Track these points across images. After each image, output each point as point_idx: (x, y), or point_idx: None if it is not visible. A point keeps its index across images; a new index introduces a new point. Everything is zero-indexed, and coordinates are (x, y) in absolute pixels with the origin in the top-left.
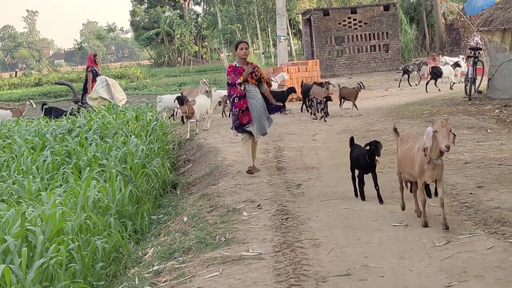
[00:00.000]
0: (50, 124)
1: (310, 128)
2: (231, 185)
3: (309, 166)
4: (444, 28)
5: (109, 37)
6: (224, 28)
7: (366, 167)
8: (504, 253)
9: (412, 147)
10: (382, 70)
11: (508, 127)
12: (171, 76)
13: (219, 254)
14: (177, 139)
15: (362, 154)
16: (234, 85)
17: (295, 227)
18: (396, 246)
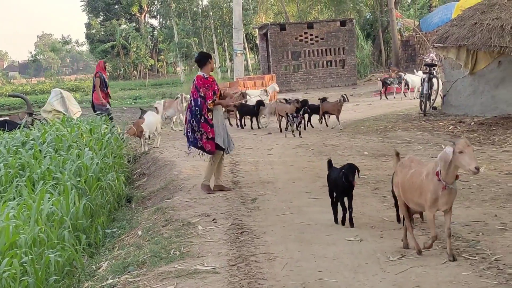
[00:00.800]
0: (3, 137)
1: (266, 142)
2: (186, 199)
3: (264, 181)
4: (400, 44)
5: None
6: (181, 42)
7: (343, 191)
8: (457, 267)
9: (418, 173)
10: (338, 85)
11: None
12: (127, 90)
13: (173, 268)
14: (132, 152)
15: (340, 177)
16: (204, 99)
17: (250, 241)
18: (351, 260)
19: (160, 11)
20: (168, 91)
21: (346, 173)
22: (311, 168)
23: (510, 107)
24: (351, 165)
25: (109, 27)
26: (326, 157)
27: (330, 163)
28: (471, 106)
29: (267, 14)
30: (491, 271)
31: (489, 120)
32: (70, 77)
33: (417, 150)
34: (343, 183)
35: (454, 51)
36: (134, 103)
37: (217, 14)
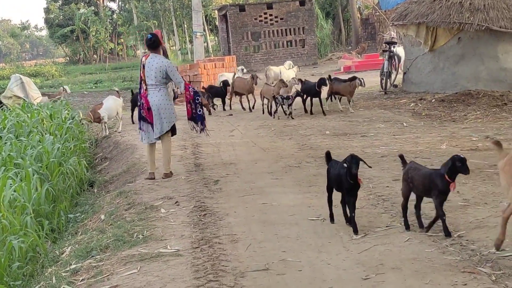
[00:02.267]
0: None
1: (228, 124)
2: (149, 183)
3: (226, 162)
4: (359, 23)
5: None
6: (140, 25)
7: (349, 190)
8: (420, 245)
9: None
10: (299, 65)
11: (423, 120)
12: (87, 74)
13: (137, 251)
14: (94, 137)
15: (343, 173)
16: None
17: (213, 223)
18: (314, 240)
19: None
20: (129, 75)
21: (350, 166)
22: (273, 149)
23: (470, 83)
24: (354, 156)
25: (68, 11)
26: (288, 137)
27: (328, 155)
28: (432, 83)
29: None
30: (454, 248)
31: (450, 96)
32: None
33: (378, 128)
34: (348, 182)
35: (414, 28)
36: (95, 87)
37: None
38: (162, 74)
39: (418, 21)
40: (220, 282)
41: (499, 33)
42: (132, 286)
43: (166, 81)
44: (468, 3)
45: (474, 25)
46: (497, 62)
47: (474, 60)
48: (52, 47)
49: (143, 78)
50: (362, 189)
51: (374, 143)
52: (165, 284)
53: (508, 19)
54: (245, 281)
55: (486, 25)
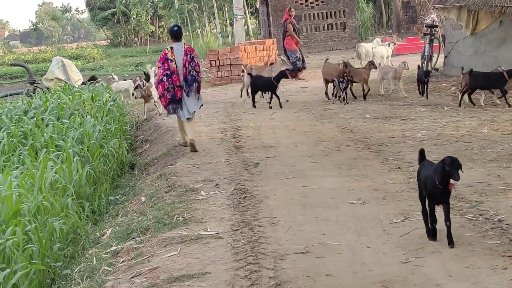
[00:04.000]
0: (6, 106)
1: (268, 107)
2: (189, 165)
3: (267, 145)
4: (400, 6)
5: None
6: (181, 8)
7: (436, 195)
8: (460, 229)
9: None
10: (339, 48)
11: (464, 104)
12: (128, 57)
13: (177, 233)
14: (135, 119)
15: (431, 176)
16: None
17: (253, 206)
18: (354, 223)
19: None
20: None
21: (450, 172)
22: (313, 132)
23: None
24: (454, 160)
25: None
26: (328, 120)
27: (422, 154)
28: (473, 66)
29: None
30: (494, 232)
31: None
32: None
33: (419, 112)
34: (436, 187)
35: (455, 11)
36: (136, 70)
37: None
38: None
39: (460, 4)
40: (259, 265)
41: None
42: (172, 268)
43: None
44: None
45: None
46: None
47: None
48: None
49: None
50: (402, 172)
51: (415, 127)
52: (205, 266)
53: None
54: (285, 264)
55: None
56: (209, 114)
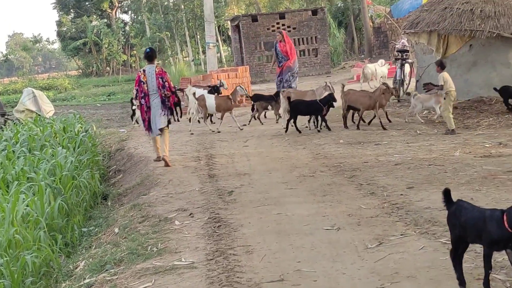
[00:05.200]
0: None
1: (241, 134)
2: (163, 194)
3: (241, 173)
4: (372, 32)
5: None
6: (153, 36)
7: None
8: (435, 252)
9: None
10: (312, 74)
11: (436, 128)
12: (100, 86)
13: (151, 264)
14: (107, 150)
15: (493, 221)
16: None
17: (228, 235)
18: (329, 249)
19: (131, 6)
20: None
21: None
22: (287, 159)
23: (483, 90)
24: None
25: (80, 24)
26: (302, 147)
27: (448, 194)
28: None
29: (238, 6)
30: (468, 255)
31: (462, 104)
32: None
33: (392, 136)
34: (503, 230)
35: (425, 36)
36: (108, 100)
37: (189, 7)
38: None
39: (430, 29)
40: None
41: (510, 40)
42: None
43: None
44: (479, 10)
45: (485, 32)
46: (508, 69)
47: (486, 67)
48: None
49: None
50: (376, 197)
51: (388, 151)
52: None
53: None
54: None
55: (497, 32)
56: (182, 142)
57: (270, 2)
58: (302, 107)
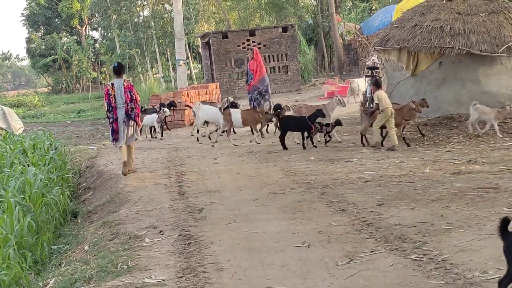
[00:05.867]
0: None
1: (212, 151)
2: (133, 212)
3: (211, 190)
4: (342, 49)
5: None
6: (123, 53)
7: None
8: (405, 269)
9: None
10: (283, 91)
11: (406, 145)
12: (70, 103)
13: (121, 282)
14: (77, 167)
15: None
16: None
17: (198, 252)
18: (299, 267)
19: (101, 23)
20: None
21: None
22: (258, 176)
23: (452, 107)
24: None
25: (50, 41)
26: (272, 164)
27: (507, 223)
28: None
29: (208, 23)
30: (438, 272)
31: (432, 120)
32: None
33: (362, 153)
34: None
35: (395, 53)
36: (77, 117)
37: (159, 24)
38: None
39: (400, 46)
40: None
41: (479, 57)
42: None
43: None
44: (449, 27)
45: (455, 49)
46: (478, 86)
47: (455, 84)
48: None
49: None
50: (346, 214)
51: (358, 168)
52: None
53: (488, 43)
54: None
55: (466, 49)
56: (152, 159)
57: (241, 19)
58: (292, 123)
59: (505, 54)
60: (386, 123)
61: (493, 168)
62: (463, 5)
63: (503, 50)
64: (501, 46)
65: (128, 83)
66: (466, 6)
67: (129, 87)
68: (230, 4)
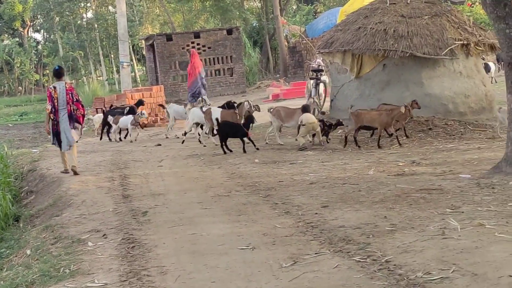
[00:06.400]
0: None
1: (156, 154)
2: (76, 215)
3: (155, 193)
4: (287, 51)
5: None
6: (66, 55)
7: None
8: (349, 271)
9: None
10: (228, 94)
11: (351, 147)
12: (12, 106)
13: (63, 286)
14: (19, 170)
15: None
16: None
17: (142, 255)
18: (243, 269)
19: (43, 25)
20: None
21: None
22: (202, 178)
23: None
24: None
25: None
26: (217, 166)
27: None
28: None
29: (153, 25)
30: (382, 273)
31: None
32: None
33: (307, 156)
34: None
35: (340, 56)
36: (20, 120)
37: (102, 26)
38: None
39: (344, 49)
40: None
41: (423, 60)
42: None
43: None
44: (392, 30)
45: (398, 51)
46: (421, 88)
47: (399, 86)
48: None
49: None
50: (291, 216)
51: (303, 170)
52: None
53: (431, 45)
54: None
55: (410, 52)
56: (96, 163)
57: (185, 21)
58: (228, 129)
59: (447, 57)
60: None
61: (436, 170)
62: (407, 8)
63: (446, 53)
64: (444, 48)
65: (70, 85)
66: (410, 9)
67: (70, 90)
68: (175, 6)
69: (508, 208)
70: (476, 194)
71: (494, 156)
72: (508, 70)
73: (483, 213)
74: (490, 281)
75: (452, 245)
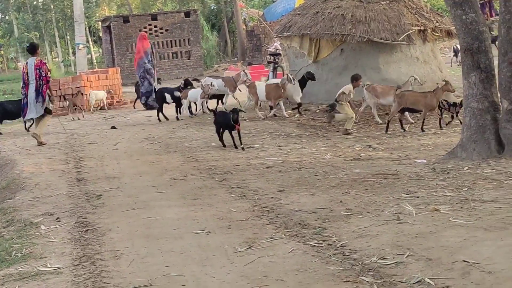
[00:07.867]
0: None
1: (112, 137)
2: (29, 198)
3: (110, 176)
4: (245, 35)
5: None
6: (21, 37)
7: None
8: (304, 255)
9: None
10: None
11: (308, 131)
12: None
13: (15, 270)
14: None
15: None
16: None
17: (95, 239)
18: (198, 253)
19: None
20: (9, 87)
21: None
22: (158, 162)
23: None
24: None
25: None
26: (173, 150)
27: None
28: (316, 94)
29: (110, 6)
30: (337, 257)
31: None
32: None
33: (263, 139)
34: None
35: (298, 40)
36: None
37: (58, 7)
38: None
39: (302, 33)
40: None
41: (380, 45)
42: None
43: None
44: (350, 15)
45: (356, 36)
46: (378, 73)
47: (356, 71)
48: None
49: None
50: (247, 200)
51: (260, 154)
52: None
53: (388, 31)
54: None
55: (367, 37)
56: (50, 145)
57: (142, 3)
58: (221, 120)
59: (404, 42)
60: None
61: (392, 155)
62: None
63: (403, 38)
64: (401, 34)
65: (39, 60)
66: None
67: (39, 65)
68: None
69: (463, 193)
70: (431, 179)
71: (450, 141)
72: (465, 56)
73: (438, 198)
74: (444, 266)
75: (407, 230)
